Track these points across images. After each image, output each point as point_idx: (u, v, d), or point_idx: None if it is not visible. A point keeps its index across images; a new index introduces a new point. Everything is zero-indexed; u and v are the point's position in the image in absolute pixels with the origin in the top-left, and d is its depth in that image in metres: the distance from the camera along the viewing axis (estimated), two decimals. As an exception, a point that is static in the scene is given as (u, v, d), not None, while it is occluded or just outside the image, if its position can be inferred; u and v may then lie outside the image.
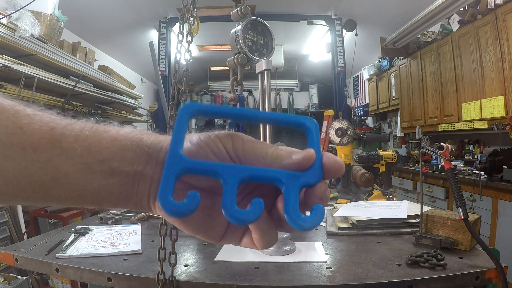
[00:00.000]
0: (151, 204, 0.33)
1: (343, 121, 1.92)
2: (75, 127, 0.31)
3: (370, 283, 0.85)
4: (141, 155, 0.32)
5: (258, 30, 1.28)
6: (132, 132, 0.33)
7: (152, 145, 0.32)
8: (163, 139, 0.34)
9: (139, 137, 0.33)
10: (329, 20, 4.99)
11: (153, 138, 0.33)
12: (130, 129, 0.34)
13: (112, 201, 0.32)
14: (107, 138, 0.32)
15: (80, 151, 0.30)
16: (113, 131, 0.33)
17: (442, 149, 1.14)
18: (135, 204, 0.33)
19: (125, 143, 0.32)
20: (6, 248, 1.17)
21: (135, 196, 0.32)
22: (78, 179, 0.31)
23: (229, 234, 0.34)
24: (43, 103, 3.17)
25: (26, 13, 2.73)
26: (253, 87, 7.51)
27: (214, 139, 0.32)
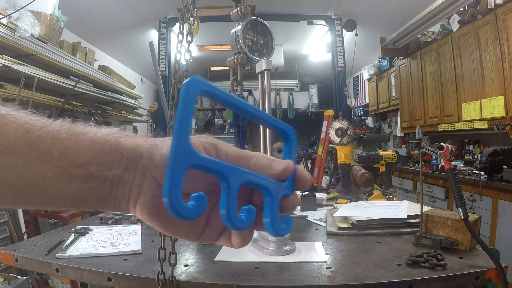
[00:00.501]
0: (130, 207, 0.33)
1: (343, 121, 1.92)
2: (51, 129, 0.31)
3: (370, 283, 0.85)
4: (120, 159, 0.32)
5: (258, 30, 1.28)
6: (110, 135, 0.33)
7: (131, 150, 0.32)
8: (142, 143, 0.33)
9: (117, 140, 0.32)
10: (329, 20, 4.99)
11: (132, 142, 0.33)
12: (108, 131, 0.33)
13: (90, 204, 0.32)
14: (85, 141, 0.31)
15: (57, 155, 0.30)
16: (91, 133, 0.32)
17: (442, 149, 1.14)
18: (113, 207, 0.33)
19: (103, 147, 0.32)
20: (6, 248, 1.17)
21: (114, 200, 0.32)
22: (56, 183, 0.30)
23: (207, 233, 0.35)
24: (43, 103, 3.18)
25: (26, 13, 2.73)
26: (253, 87, 7.51)
27: (198, 146, 0.32)
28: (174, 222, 0.33)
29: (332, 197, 2.01)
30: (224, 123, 8.03)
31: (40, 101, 3.13)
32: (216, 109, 8.20)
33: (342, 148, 1.90)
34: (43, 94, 3.16)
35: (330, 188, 2.57)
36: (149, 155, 0.32)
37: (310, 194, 1.76)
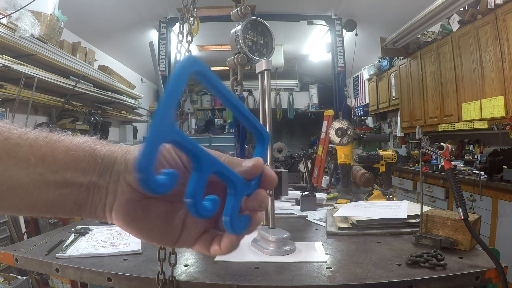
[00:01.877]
0: (107, 214, 0.33)
1: (343, 121, 1.92)
2: (29, 137, 0.32)
3: (370, 283, 0.85)
4: (94, 166, 0.32)
5: (258, 30, 1.28)
6: (85, 142, 0.34)
7: (106, 157, 0.33)
8: (116, 149, 0.34)
9: (92, 147, 0.33)
10: (329, 20, 4.99)
11: (107, 149, 0.34)
12: (84, 139, 0.34)
13: (67, 210, 0.33)
14: (61, 148, 0.32)
15: (34, 161, 0.31)
16: (67, 140, 0.33)
17: (442, 149, 1.14)
18: (89, 214, 0.34)
19: (78, 154, 0.32)
20: (6, 248, 1.17)
21: (90, 206, 0.33)
22: (33, 189, 0.31)
23: (183, 239, 0.35)
24: (43, 103, 3.17)
25: (26, 13, 2.73)
26: (253, 87, 7.50)
27: (169, 150, 0.33)
28: (150, 227, 0.33)
29: (332, 197, 2.01)
30: (224, 123, 8.03)
31: (40, 101, 3.13)
32: (216, 109, 8.20)
33: (342, 148, 1.90)
34: (43, 94, 3.16)
35: (330, 188, 2.57)
36: (122, 161, 0.33)
37: (310, 194, 1.76)
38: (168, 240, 0.35)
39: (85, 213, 0.33)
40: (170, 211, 0.34)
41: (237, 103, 0.35)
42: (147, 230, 0.34)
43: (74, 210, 0.33)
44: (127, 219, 0.33)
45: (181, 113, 1.01)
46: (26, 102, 2.86)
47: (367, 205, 1.48)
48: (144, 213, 0.33)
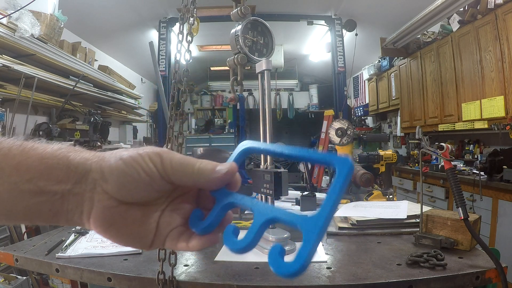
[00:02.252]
0: (84, 221, 0.34)
1: (343, 121, 1.92)
2: (4, 146, 0.32)
3: (370, 283, 0.85)
4: (68, 174, 0.33)
5: (258, 30, 1.28)
6: (59, 150, 0.34)
7: (79, 164, 0.33)
8: (90, 157, 0.34)
9: (65, 155, 0.34)
10: (329, 20, 4.99)
11: (80, 157, 0.34)
12: (58, 146, 0.34)
13: (43, 218, 0.33)
14: (34, 157, 0.33)
15: (8, 171, 0.32)
16: (41, 148, 0.33)
17: (442, 149, 1.14)
18: (66, 221, 0.34)
19: (51, 162, 0.33)
20: (6, 248, 1.17)
21: (66, 213, 0.33)
22: (8, 198, 0.32)
23: (156, 240, 0.36)
24: (43, 103, 3.17)
25: (26, 13, 2.73)
26: (253, 87, 7.51)
27: (144, 157, 0.33)
28: (127, 232, 0.34)
29: (332, 197, 2.00)
30: (224, 123, 8.03)
31: (40, 101, 3.13)
32: (216, 109, 8.20)
33: (342, 148, 1.90)
34: (43, 94, 3.16)
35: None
36: (98, 169, 0.33)
37: (310, 194, 1.76)
38: (144, 243, 0.36)
39: (62, 221, 0.34)
40: (145, 215, 0.35)
41: (297, 152, 0.36)
42: (124, 235, 0.34)
43: (50, 218, 0.33)
44: (105, 225, 0.33)
45: (181, 113, 1.01)
46: (26, 102, 2.86)
47: (367, 205, 1.48)
48: (122, 218, 0.34)
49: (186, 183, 0.35)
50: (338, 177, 0.30)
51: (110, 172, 0.33)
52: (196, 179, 0.34)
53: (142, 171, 0.33)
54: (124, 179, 0.33)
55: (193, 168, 0.34)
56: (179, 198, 0.37)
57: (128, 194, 0.33)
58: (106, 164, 0.33)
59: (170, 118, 1.00)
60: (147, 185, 0.33)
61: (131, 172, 0.33)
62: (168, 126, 0.99)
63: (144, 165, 0.33)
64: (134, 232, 0.35)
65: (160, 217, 0.36)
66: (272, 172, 1.08)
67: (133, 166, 0.33)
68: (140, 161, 0.33)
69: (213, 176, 0.34)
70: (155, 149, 0.35)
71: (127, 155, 0.33)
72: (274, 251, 0.30)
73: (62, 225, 0.36)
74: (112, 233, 0.34)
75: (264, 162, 1.20)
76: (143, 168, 0.33)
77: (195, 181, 0.34)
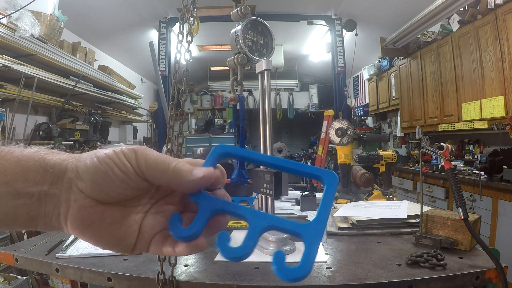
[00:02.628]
0: (62, 223, 0.33)
1: (343, 121, 1.92)
2: None
3: (370, 283, 0.85)
4: (44, 175, 0.32)
5: (258, 30, 1.28)
6: (36, 152, 0.34)
7: (56, 165, 0.33)
8: (66, 157, 0.34)
9: (42, 156, 0.33)
10: (329, 20, 4.99)
11: (57, 158, 0.34)
12: (35, 149, 0.34)
13: (21, 222, 0.33)
14: (11, 160, 0.32)
15: None
16: (18, 152, 0.33)
17: (442, 149, 1.14)
18: (45, 225, 0.33)
19: (28, 164, 0.32)
20: (6, 248, 1.17)
21: (43, 216, 0.33)
22: None
23: (139, 244, 0.35)
24: (43, 103, 3.17)
25: (26, 13, 2.73)
26: (253, 87, 7.51)
27: (119, 155, 0.33)
28: (106, 234, 0.33)
29: (332, 197, 2.00)
30: (224, 123, 8.03)
31: (40, 101, 3.13)
32: (216, 109, 8.21)
33: (342, 148, 1.90)
34: (43, 94, 3.16)
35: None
36: (73, 168, 0.33)
37: (310, 194, 1.76)
38: (125, 246, 0.34)
39: (40, 225, 0.33)
40: (125, 216, 0.34)
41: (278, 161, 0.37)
42: (103, 237, 0.33)
43: (28, 222, 0.33)
44: (82, 226, 0.32)
45: (181, 113, 1.01)
46: (26, 102, 2.86)
47: (367, 205, 1.48)
48: (100, 219, 0.33)
49: (160, 181, 0.34)
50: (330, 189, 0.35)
51: (85, 170, 0.32)
52: (171, 179, 0.33)
53: (116, 167, 0.32)
54: (98, 176, 0.32)
55: (168, 166, 0.33)
56: (163, 200, 0.36)
57: (102, 191, 0.32)
58: (81, 164, 0.33)
59: (170, 118, 1.00)
60: (121, 181, 0.32)
61: (105, 169, 0.32)
62: (168, 126, 0.99)
63: (118, 162, 0.32)
64: (113, 234, 0.34)
65: (143, 219, 0.35)
66: (272, 172, 1.08)
67: (106, 163, 0.32)
68: (114, 158, 0.33)
69: (189, 179, 0.33)
70: (131, 146, 0.34)
71: (102, 153, 0.33)
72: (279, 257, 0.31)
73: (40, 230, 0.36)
74: (90, 235, 0.33)
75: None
76: (117, 164, 0.32)
77: (170, 181, 0.33)
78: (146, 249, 0.35)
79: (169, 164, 0.34)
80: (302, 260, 0.30)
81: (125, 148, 0.34)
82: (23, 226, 0.33)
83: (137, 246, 0.35)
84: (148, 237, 0.35)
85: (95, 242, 0.34)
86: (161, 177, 0.33)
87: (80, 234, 0.33)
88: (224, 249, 0.31)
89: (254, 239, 0.32)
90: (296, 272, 0.30)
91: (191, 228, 0.33)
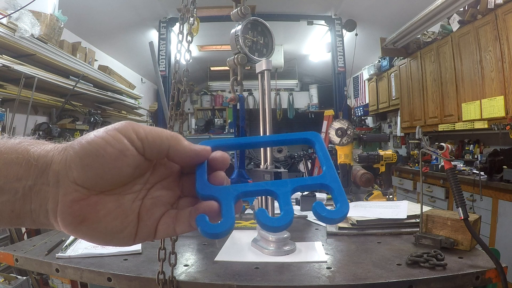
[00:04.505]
0: (52, 220, 0.30)
1: (343, 121, 1.91)
2: None
3: (370, 283, 0.85)
4: (28, 169, 0.30)
5: (258, 30, 1.28)
6: (19, 144, 0.31)
7: (40, 157, 0.30)
8: (51, 148, 0.31)
9: (26, 148, 0.31)
10: (329, 20, 4.99)
11: (41, 149, 0.31)
12: (19, 140, 0.32)
13: (6, 220, 0.31)
14: None
15: None
16: (0, 143, 0.31)
17: (442, 149, 1.14)
18: (32, 222, 0.31)
19: (10, 157, 0.30)
20: (6, 248, 1.17)
21: (30, 214, 0.30)
22: None
23: (141, 233, 0.32)
24: (43, 103, 3.17)
25: (26, 13, 2.73)
26: (253, 87, 7.51)
27: (111, 133, 0.30)
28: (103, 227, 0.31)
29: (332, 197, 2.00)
30: (224, 123, 8.03)
31: (40, 101, 3.13)
32: (216, 109, 8.21)
33: (342, 148, 1.90)
34: (43, 94, 3.16)
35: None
36: (60, 159, 0.30)
37: (310, 194, 1.76)
38: (125, 237, 0.32)
39: (27, 222, 0.31)
40: (121, 206, 0.31)
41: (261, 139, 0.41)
42: (100, 231, 0.31)
43: (13, 219, 0.31)
44: (75, 222, 0.30)
45: (181, 113, 1.01)
46: (26, 102, 2.86)
47: (367, 205, 1.48)
48: (93, 213, 0.30)
49: (160, 149, 0.31)
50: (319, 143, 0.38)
51: (73, 156, 0.29)
52: (172, 144, 0.32)
53: (109, 145, 0.29)
54: (89, 159, 0.29)
55: (169, 133, 0.32)
56: (159, 185, 0.34)
57: (96, 175, 0.29)
58: (69, 152, 0.30)
59: (170, 118, 1.00)
60: (115, 160, 0.29)
61: (95, 149, 0.29)
62: (168, 126, 0.99)
63: (111, 139, 0.30)
64: (109, 227, 0.31)
65: (140, 206, 0.32)
66: (272, 172, 1.08)
67: (97, 143, 0.29)
68: (106, 136, 0.30)
69: (190, 147, 0.32)
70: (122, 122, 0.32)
71: (92, 135, 0.30)
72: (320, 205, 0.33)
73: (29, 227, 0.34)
74: (84, 231, 0.30)
75: (264, 162, 1.20)
76: (109, 142, 0.29)
77: (170, 147, 0.31)
78: (152, 235, 0.33)
79: (167, 131, 0.32)
80: (338, 203, 0.33)
81: (117, 124, 0.31)
82: (8, 224, 0.31)
83: (139, 235, 0.32)
84: (151, 223, 0.33)
85: (91, 238, 0.31)
86: (161, 144, 0.31)
87: (73, 231, 0.30)
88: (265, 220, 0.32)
89: (289, 203, 0.33)
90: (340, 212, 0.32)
91: (224, 223, 0.31)
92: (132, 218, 0.32)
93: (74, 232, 0.30)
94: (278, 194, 0.33)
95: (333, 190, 0.34)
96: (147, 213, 0.33)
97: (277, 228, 0.31)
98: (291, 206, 0.32)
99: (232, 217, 0.31)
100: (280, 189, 0.34)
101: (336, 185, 0.35)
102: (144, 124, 0.33)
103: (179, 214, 0.33)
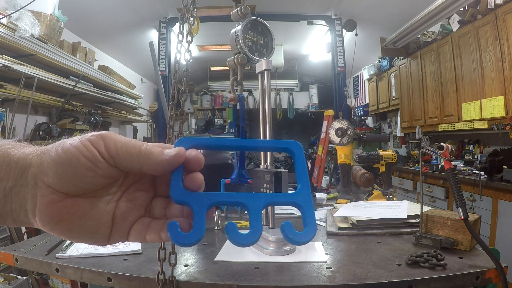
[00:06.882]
0: (31, 219, 0.32)
1: (343, 121, 1.91)
2: None
3: (370, 283, 0.85)
4: (9, 171, 0.31)
5: (258, 30, 1.28)
6: (1, 146, 0.33)
7: (19, 160, 0.32)
8: (30, 151, 0.33)
9: (6, 151, 0.32)
10: (329, 20, 4.99)
11: (21, 152, 0.32)
12: (1, 142, 0.33)
13: None
14: None
15: None
16: None
17: (442, 149, 1.14)
18: (13, 221, 0.33)
19: None
20: (6, 248, 1.17)
21: (11, 213, 0.32)
22: None
23: (115, 234, 0.34)
24: (43, 103, 3.17)
25: (26, 13, 2.73)
26: (253, 87, 7.51)
27: (85, 143, 0.31)
28: (78, 227, 0.32)
29: (332, 197, 2.01)
30: (224, 123, 8.03)
31: (40, 101, 3.13)
32: (216, 109, 8.21)
33: (342, 148, 1.90)
34: (43, 94, 3.16)
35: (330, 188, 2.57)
36: (38, 163, 0.31)
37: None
38: (99, 238, 0.33)
39: (8, 221, 0.33)
40: (95, 208, 0.33)
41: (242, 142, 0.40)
42: (75, 230, 0.32)
43: None
44: (53, 221, 0.31)
45: (181, 113, 1.01)
46: (26, 102, 2.86)
47: (367, 205, 1.48)
48: (69, 213, 0.32)
49: (131, 166, 0.32)
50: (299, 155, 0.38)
51: (50, 163, 0.31)
52: (143, 161, 0.32)
53: (82, 156, 0.31)
54: (64, 168, 0.30)
55: (139, 149, 0.32)
56: (133, 187, 0.35)
57: (70, 183, 0.31)
58: (46, 157, 0.31)
59: (170, 118, 1.00)
60: (88, 170, 0.31)
61: (69, 159, 0.30)
62: (168, 126, 0.99)
63: (84, 150, 0.31)
64: (84, 227, 0.32)
65: (115, 208, 0.34)
66: (272, 172, 1.08)
67: (71, 152, 0.31)
68: (80, 146, 0.31)
69: (161, 158, 0.32)
70: (98, 132, 0.33)
71: (67, 143, 0.31)
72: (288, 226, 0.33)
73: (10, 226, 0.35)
74: (61, 230, 0.32)
75: (264, 162, 1.20)
76: (83, 153, 0.31)
77: (142, 164, 0.32)
78: (125, 237, 0.34)
79: (139, 147, 0.33)
80: (306, 227, 0.33)
81: (91, 135, 0.32)
82: None
83: (113, 236, 0.34)
84: (124, 226, 0.34)
85: (67, 236, 0.33)
86: (132, 161, 0.32)
87: (50, 230, 0.32)
88: (233, 236, 0.32)
89: (259, 220, 0.33)
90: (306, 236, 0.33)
91: (194, 234, 0.32)
92: (107, 219, 0.33)
93: (52, 231, 0.32)
94: (250, 208, 0.33)
95: (304, 211, 0.34)
96: (121, 216, 0.34)
97: (243, 244, 0.32)
98: (260, 223, 0.33)
99: (202, 228, 0.32)
100: (252, 203, 0.34)
101: (308, 206, 0.34)
102: (119, 136, 0.33)
103: (152, 224, 0.34)
